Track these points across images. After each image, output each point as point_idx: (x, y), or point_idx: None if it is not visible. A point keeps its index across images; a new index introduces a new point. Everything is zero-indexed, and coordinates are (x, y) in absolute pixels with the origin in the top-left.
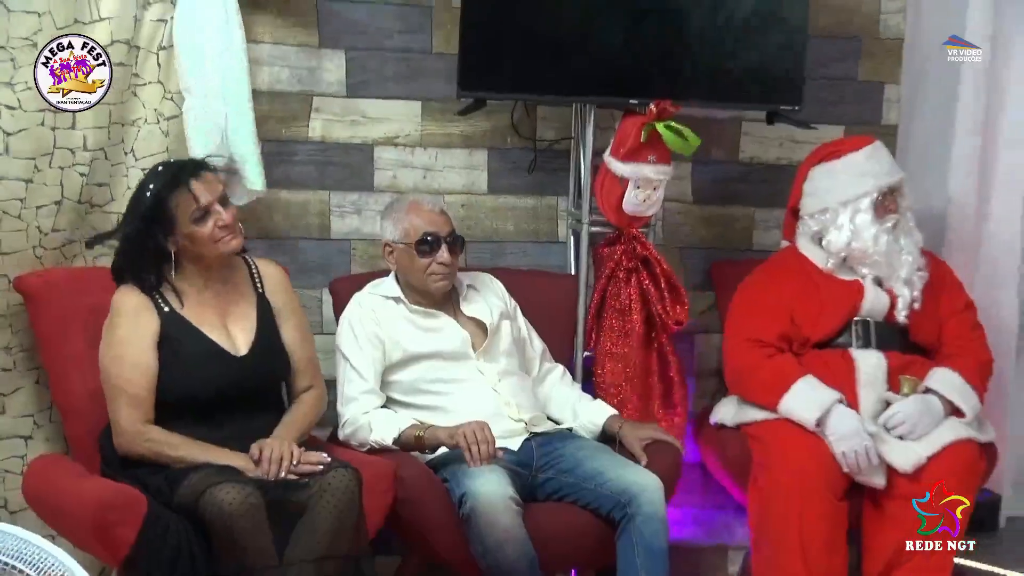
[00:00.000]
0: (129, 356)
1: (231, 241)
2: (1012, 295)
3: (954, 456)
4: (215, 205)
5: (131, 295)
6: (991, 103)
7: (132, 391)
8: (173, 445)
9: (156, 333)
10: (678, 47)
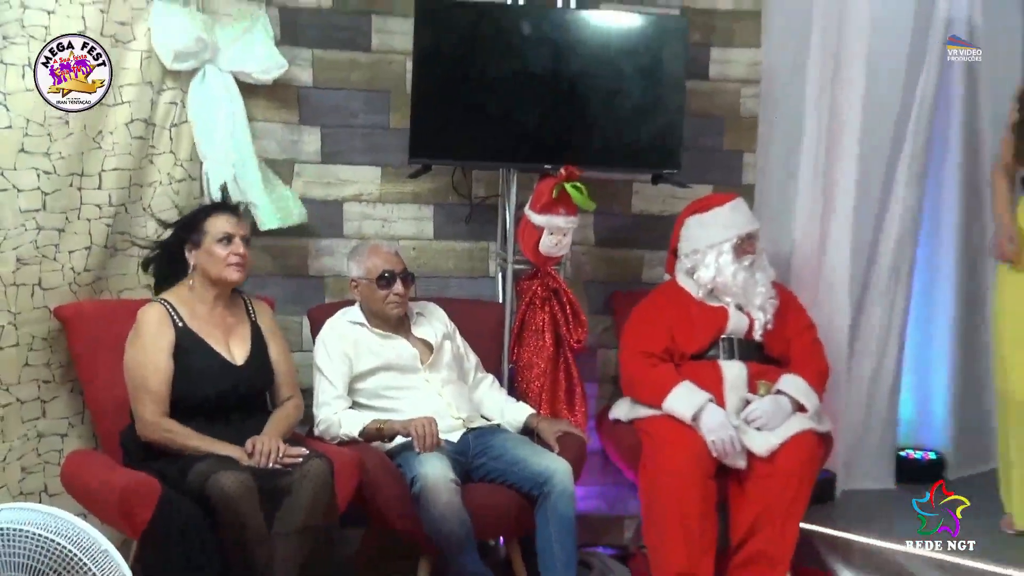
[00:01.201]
0: (151, 360)
1: (236, 272)
2: (844, 318)
3: (799, 443)
4: (238, 238)
5: (154, 311)
6: (828, 165)
7: (153, 388)
8: (184, 435)
9: (172, 343)
10: (583, 125)
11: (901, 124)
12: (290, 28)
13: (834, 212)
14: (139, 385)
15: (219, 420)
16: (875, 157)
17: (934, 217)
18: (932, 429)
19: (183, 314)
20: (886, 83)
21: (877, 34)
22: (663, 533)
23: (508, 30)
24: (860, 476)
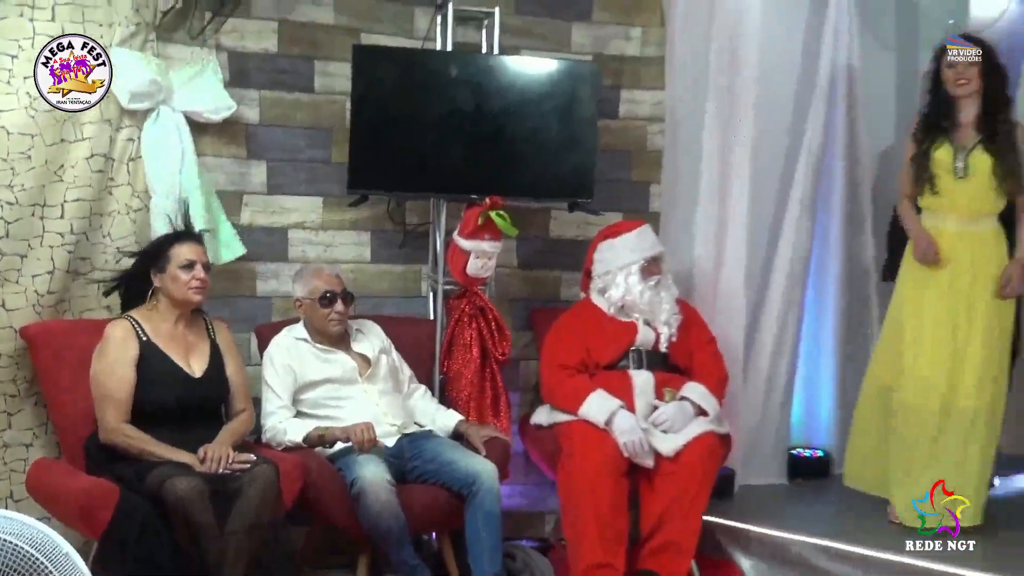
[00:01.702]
0: (116, 370)
1: (196, 295)
2: (740, 332)
3: (701, 444)
4: (199, 264)
5: (121, 326)
6: (724, 194)
7: (117, 396)
8: (143, 440)
9: (136, 355)
10: (506, 159)
11: (791, 158)
12: (238, 71)
13: (730, 237)
14: (104, 393)
15: (177, 428)
16: (767, 187)
17: (822, 242)
18: (819, 430)
19: (148, 330)
20: (776, 120)
21: (766, 77)
22: (580, 526)
23: (437, 74)
24: (756, 473)
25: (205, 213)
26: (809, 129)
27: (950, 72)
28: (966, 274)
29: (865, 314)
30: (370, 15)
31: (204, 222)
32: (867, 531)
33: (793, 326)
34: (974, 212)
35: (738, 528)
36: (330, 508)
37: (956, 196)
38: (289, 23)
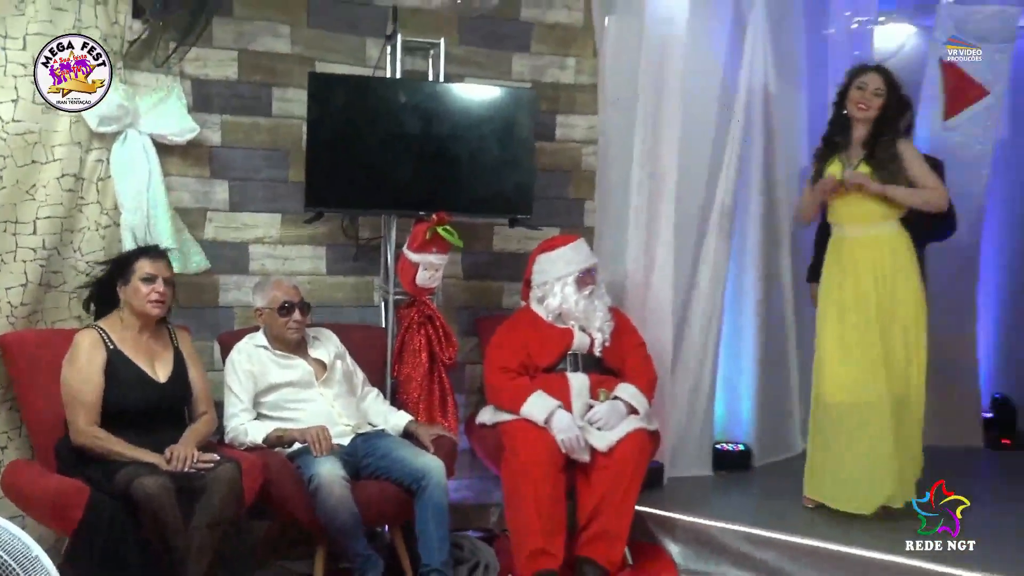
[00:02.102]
0: (85, 376)
1: (156, 308)
2: (668, 336)
3: (632, 440)
4: (160, 279)
5: (89, 335)
6: (652, 210)
7: (86, 400)
8: (111, 442)
9: (104, 362)
10: (451, 178)
11: (713, 179)
12: (202, 97)
13: (658, 250)
14: (74, 397)
15: (144, 430)
16: (691, 205)
17: (741, 255)
18: (741, 426)
19: (114, 338)
20: (699, 144)
21: (689, 104)
22: (522, 517)
23: (387, 100)
24: (683, 465)
25: (171, 229)
26: (728, 152)
27: (856, 93)
28: (869, 275)
29: (781, 321)
30: (324, 45)
31: (170, 238)
32: (784, 518)
33: (715, 332)
34: (870, 219)
35: (667, 517)
36: (289, 503)
37: (851, 206)
38: (248, 52)
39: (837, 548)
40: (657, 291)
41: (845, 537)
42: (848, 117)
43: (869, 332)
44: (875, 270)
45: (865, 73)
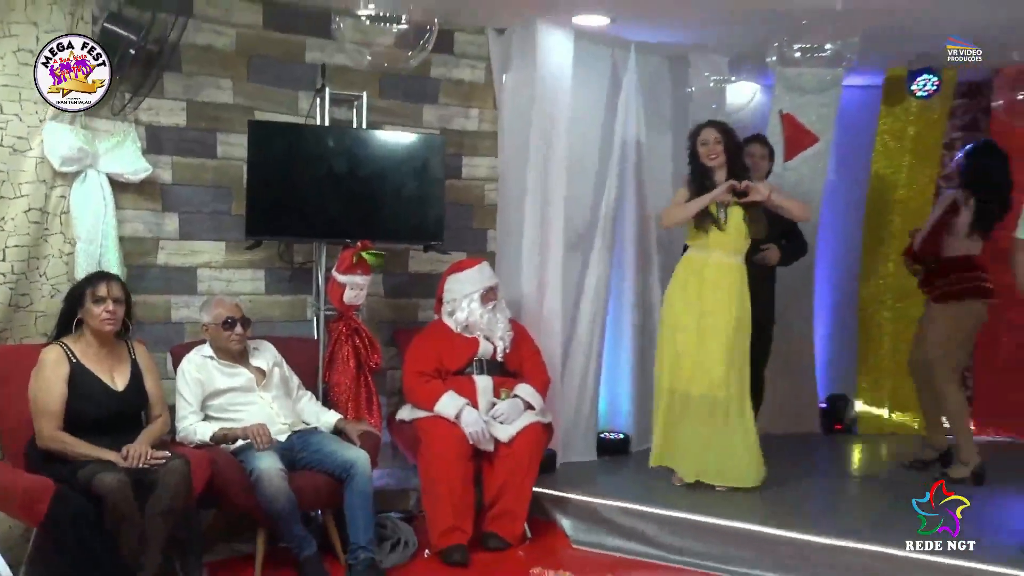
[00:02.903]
0: (50, 387)
1: (107, 325)
2: (558, 345)
3: (530, 432)
4: (110, 300)
5: (53, 350)
6: (544, 237)
7: (51, 409)
8: (74, 444)
9: (67, 374)
10: (373, 210)
11: (594, 211)
12: (155, 140)
13: (549, 271)
14: (40, 407)
15: (105, 433)
16: (576, 233)
17: (619, 275)
18: (620, 417)
19: (77, 353)
20: (582, 182)
21: (574, 149)
22: (436, 500)
23: (317, 144)
24: (572, 452)
25: (120, 257)
26: (607, 189)
27: (703, 149)
28: (716, 295)
29: (653, 328)
30: (262, 97)
31: (118, 265)
32: (655, 494)
33: (598, 339)
34: (730, 250)
35: (559, 496)
36: (233, 493)
37: (719, 238)
38: (195, 103)
39: (696, 518)
40: (549, 306)
41: (703, 509)
42: (705, 167)
43: (709, 339)
44: (722, 291)
45: (702, 131)
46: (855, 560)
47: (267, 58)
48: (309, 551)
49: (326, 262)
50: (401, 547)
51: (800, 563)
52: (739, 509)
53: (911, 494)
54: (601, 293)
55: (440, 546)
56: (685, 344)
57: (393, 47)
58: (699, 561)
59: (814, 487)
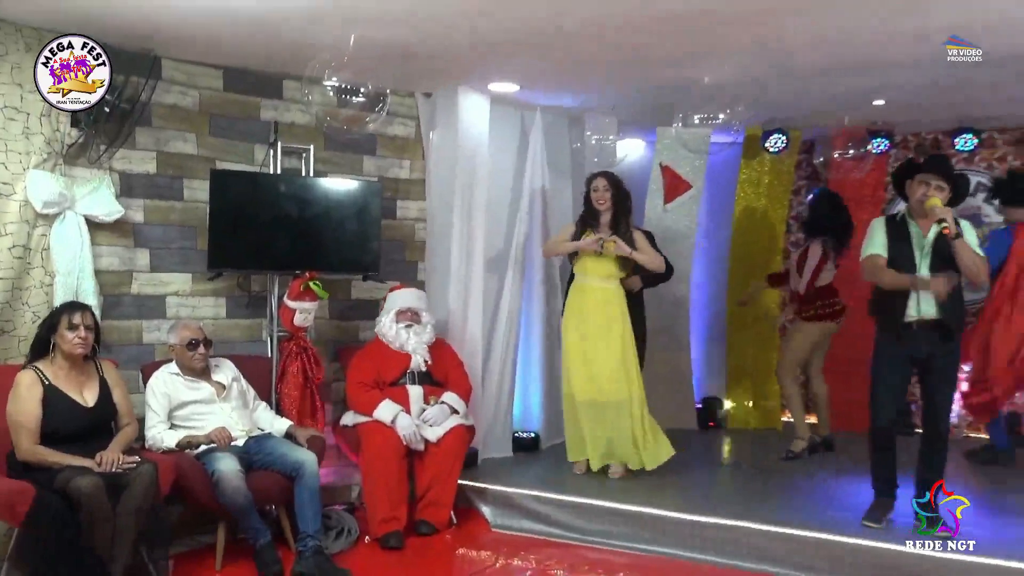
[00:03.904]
0: (25, 407)
1: (79, 349)
2: (479, 358)
3: (455, 433)
4: (82, 326)
5: (27, 374)
6: (467, 269)
7: (27, 427)
8: (51, 455)
9: (41, 394)
10: (320, 246)
11: (507, 246)
12: (128, 185)
13: (471, 296)
14: (17, 425)
15: (79, 443)
16: (493, 265)
17: (529, 300)
18: (532, 418)
19: (49, 375)
20: (498, 223)
21: (491, 195)
22: (375, 492)
23: (270, 190)
24: (492, 449)
25: (94, 289)
26: (518, 227)
27: (594, 194)
28: (600, 314)
29: (558, 342)
30: (222, 148)
31: (92, 296)
32: (562, 483)
33: (512, 353)
34: (606, 276)
35: (481, 487)
36: (196, 492)
37: (596, 267)
38: (164, 153)
39: (597, 502)
40: (471, 325)
41: (602, 494)
42: (595, 208)
43: (599, 351)
44: (605, 310)
45: (595, 179)
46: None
47: (227, 116)
48: (264, 540)
49: (278, 290)
50: (345, 535)
51: (692, 540)
52: (632, 494)
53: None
54: (514, 314)
55: (379, 533)
56: (579, 357)
57: (355, 112)
58: (600, 539)
59: (695, 474)
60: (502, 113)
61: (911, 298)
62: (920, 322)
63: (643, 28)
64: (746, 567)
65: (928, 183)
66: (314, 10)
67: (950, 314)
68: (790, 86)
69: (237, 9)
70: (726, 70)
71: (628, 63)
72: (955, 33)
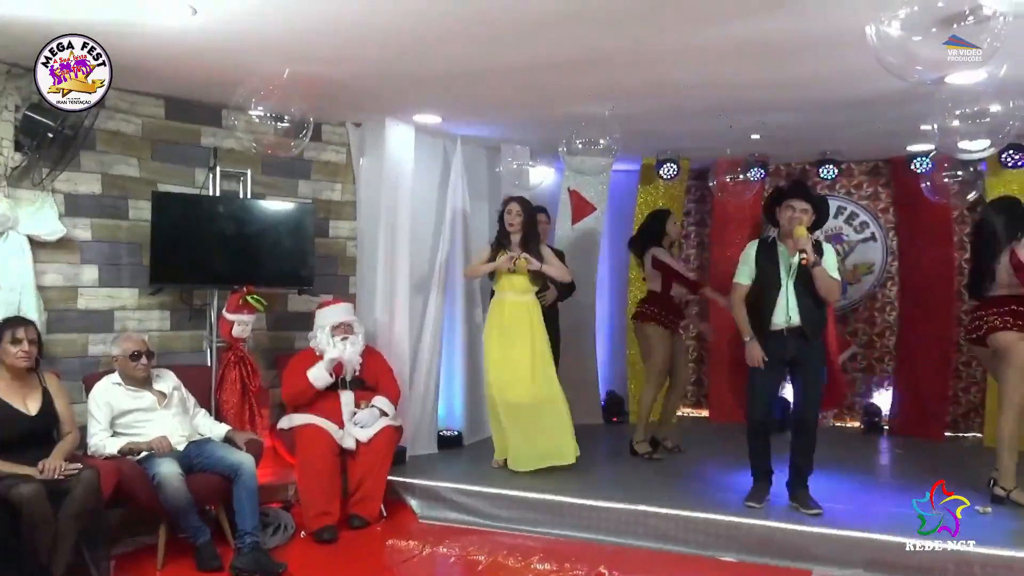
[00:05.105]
0: None
1: (22, 362)
2: (406, 364)
3: (384, 433)
4: (26, 340)
5: None
6: (392, 283)
7: None
8: None
9: None
10: (258, 262)
11: (432, 263)
12: (74, 205)
13: (397, 307)
14: None
15: (22, 450)
16: (418, 279)
17: (451, 311)
18: (455, 418)
19: None
20: (422, 241)
21: (415, 216)
22: (310, 489)
23: (210, 210)
24: (419, 447)
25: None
26: (441, 244)
27: (508, 216)
28: (518, 325)
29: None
30: (164, 172)
31: (34, 312)
32: (483, 476)
33: (436, 358)
34: (521, 291)
35: (409, 482)
36: (138, 495)
37: (513, 282)
38: (109, 175)
39: (514, 493)
40: (398, 334)
41: (517, 485)
42: (507, 229)
43: (519, 358)
44: (522, 321)
45: (510, 203)
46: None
47: (168, 142)
48: (204, 538)
49: (218, 304)
50: (282, 531)
51: (598, 524)
52: (546, 485)
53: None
54: (438, 323)
55: (313, 527)
56: (500, 364)
57: (279, 138)
58: (517, 526)
59: (600, 465)
60: (426, 142)
61: (778, 308)
62: (788, 328)
63: (550, 69)
64: (646, 546)
65: (793, 207)
66: (252, 46)
67: (810, 322)
68: (680, 122)
69: (178, 43)
70: (624, 107)
71: (539, 99)
72: (819, 81)
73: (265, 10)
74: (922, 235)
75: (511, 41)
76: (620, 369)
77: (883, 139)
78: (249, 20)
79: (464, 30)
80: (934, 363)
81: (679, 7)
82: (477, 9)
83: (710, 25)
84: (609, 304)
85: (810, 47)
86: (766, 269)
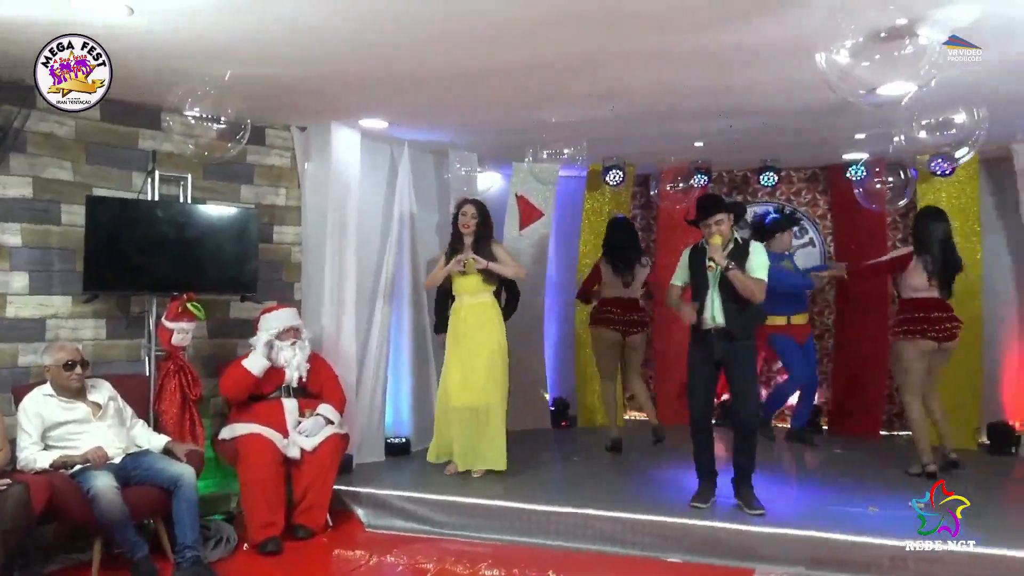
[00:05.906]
0: None
1: None
2: (352, 371)
3: (330, 441)
4: None
5: None
6: (340, 289)
7: None
8: None
9: None
10: (199, 268)
11: (379, 269)
12: (3, 210)
13: (344, 313)
14: None
15: None
16: (365, 284)
17: (399, 317)
18: (403, 425)
19: None
20: (369, 246)
21: (362, 221)
22: (253, 500)
23: (148, 215)
24: (366, 455)
25: None
26: (388, 248)
27: (462, 219)
28: (474, 327)
29: (425, 356)
30: (99, 176)
31: None
32: (430, 484)
33: (383, 366)
34: (475, 291)
35: (355, 491)
36: (71, 510)
37: (466, 284)
38: (40, 179)
39: (460, 499)
40: (344, 341)
41: (465, 491)
42: (460, 232)
43: (474, 361)
44: (478, 324)
45: (464, 205)
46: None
47: (104, 144)
48: (141, 553)
49: (157, 311)
50: (224, 543)
51: (545, 528)
52: (493, 490)
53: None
54: (385, 330)
55: (257, 539)
56: (455, 366)
57: (216, 140)
58: (465, 532)
59: (548, 469)
60: (372, 147)
61: (706, 310)
62: (715, 329)
63: (496, 75)
64: (594, 549)
65: (709, 225)
66: (192, 47)
67: (735, 324)
68: (625, 128)
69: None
70: (570, 112)
71: (486, 105)
72: (759, 89)
73: (205, 11)
74: (858, 240)
75: (456, 48)
76: (568, 374)
77: (821, 147)
78: (189, 21)
79: (409, 36)
80: (869, 364)
81: (627, 18)
82: (418, 15)
83: (659, 34)
84: (557, 310)
85: (755, 58)
86: (696, 275)
